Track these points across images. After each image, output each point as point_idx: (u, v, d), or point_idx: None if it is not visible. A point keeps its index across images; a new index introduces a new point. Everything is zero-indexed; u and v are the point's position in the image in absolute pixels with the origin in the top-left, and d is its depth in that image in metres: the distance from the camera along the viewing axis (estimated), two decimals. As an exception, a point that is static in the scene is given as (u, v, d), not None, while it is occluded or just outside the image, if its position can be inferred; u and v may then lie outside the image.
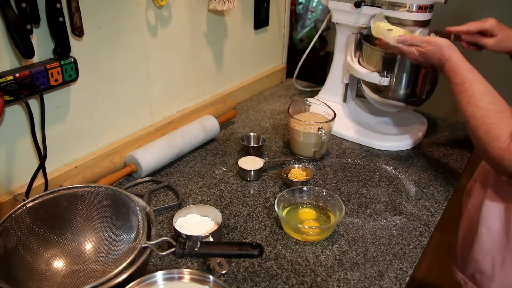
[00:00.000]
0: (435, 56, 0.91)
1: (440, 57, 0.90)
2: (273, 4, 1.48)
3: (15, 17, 0.78)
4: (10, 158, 0.90)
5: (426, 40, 0.94)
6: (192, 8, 1.18)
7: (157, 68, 1.14)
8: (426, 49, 0.93)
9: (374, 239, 0.88)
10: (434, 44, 0.92)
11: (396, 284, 0.78)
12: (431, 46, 0.92)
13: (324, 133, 1.07)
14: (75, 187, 0.80)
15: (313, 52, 1.44)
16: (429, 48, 0.93)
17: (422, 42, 0.94)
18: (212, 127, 1.19)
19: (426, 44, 0.93)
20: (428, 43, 0.93)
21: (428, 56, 0.93)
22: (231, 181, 1.06)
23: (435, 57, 0.92)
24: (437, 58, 0.91)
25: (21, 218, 0.74)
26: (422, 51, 0.94)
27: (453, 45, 0.91)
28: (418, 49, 0.96)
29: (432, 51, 0.92)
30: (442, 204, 0.99)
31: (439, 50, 0.91)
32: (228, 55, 1.37)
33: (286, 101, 1.50)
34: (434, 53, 0.92)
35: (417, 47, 0.95)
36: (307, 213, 0.93)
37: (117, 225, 0.79)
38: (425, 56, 0.94)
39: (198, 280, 0.66)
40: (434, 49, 0.92)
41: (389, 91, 1.15)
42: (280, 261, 0.82)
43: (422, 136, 1.26)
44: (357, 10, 1.16)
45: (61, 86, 0.92)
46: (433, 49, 0.92)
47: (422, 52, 0.94)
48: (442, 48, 0.90)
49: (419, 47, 0.95)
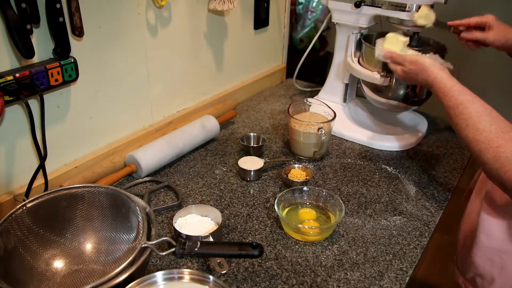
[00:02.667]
0: (419, 76, 0.89)
1: (424, 77, 0.87)
2: (273, 4, 1.48)
3: (15, 17, 0.78)
4: (10, 158, 0.90)
5: (409, 59, 0.92)
6: (192, 8, 1.18)
7: (157, 68, 1.14)
8: (408, 68, 0.91)
9: (374, 239, 0.88)
10: (416, 63, 0.89)
11: (396, 284, 0.78)
12: (414, 66, 0.90)
13: (324, 133, 1.07)
14: (75, 187, 0.80)
15: (313, 52, 1.44)
16: (411, 68, 0.90)
17: (405, 61, 0.92)
18: (212, 127, 1.19)
19: (409, 63, 0.91)
20: (411, 63, 0.91)
21: (411, 76, 0.91)
22: (231, 181, 1.06)
23: (418, 78, 0.89)
24: (421, 78, 0.88)
25: (21, 218, 0.74)
26: (406, 71, 0.92)
27: (439, 64, 0.88)
28: (402, 68, 0.93)
29: (414, 71, 0.90)
30: (442, 204, 0.99)
31: (422, 70, 0.88)
32: (228, 55, 1.37)
33: (286, 101, 1.50)
34: (416, 73, 0.89)
35: (401, 66, 0.94)
36: (307, 213, 0.94)
37: (117, 225, 0.79)
38: (408, 76, 0.92)
39: (198, 280, 0.66)
40: (416, 69, 0.89)
41: (389, 91, 1.15)
42: (280, 261, 0.82)
43: (422, 136, 1.26)
44: (357, 10, 1.16)
45: (61, 86, 0.92)
46: (415, 69, 0.89)
47: (405, 72, 0.92)
48: (425, 69, 0.87)
49: (402, 66, 0.93)
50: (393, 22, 1.14)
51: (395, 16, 1.10)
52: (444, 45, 1.16)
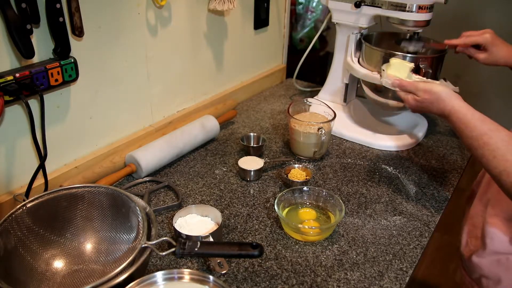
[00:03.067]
0: (434, 106, 0.85)
1: (441, 108, 0.83)
2: (273, 4, 1.48)
3: (15, 17, 0.78)
4: (10, 158, 0.90)
5: (422, 88, 0.87)
6: (192, 8, 1.18)
7: (157, 68, 1.14)
8: (422, 98, 0.86)
9: (374, 239, 0.88)
10: (430, 92, 0.85)
11: (396, 284, 0.78)
12: (428, 95, 0.85)
13: (324, 133, 1.07)
14: (75, 187, 0.80)
15: (313, 52, 1.44)
16: (426, 98, 0.85)
17: (418, 90, 0.87)
18: (212, 127, 1.19)
19: (423, 92, 0.86)
20: (425, 92, 0.86)
21: (425, 105, 0.87)
22: (231, 181, 1.06)
23: (433, 107, 0.85)
24: (437, 108, 0.84)
25: (21, 218, 0.74)
26: (419, 100, 0.87)
27: (453, 92, 0.84)
28: (414, 98, 0.88)
29: (429, 101, 0.85)
30: (442, 204, 0.99)
31: (437, 99, 0.83)
32: (228, 55, 1.37)
33: (286, 101, 1.50)
34: (431, 102, 0.85)
35: (413, 95, 0.89)
36: (307, 213, 0.94)
37: (117, 225, 0.79)
38: (422, 105, 0.87)
39: (198, 280, 0.66)
40: (431, 99, 0.85)
41: (389, 91, 1.14)
42: (280, 261, 0.82)
43: (422, 136, 1.26)
44: (357, 10, 1.16)
45: (61, 86, 0.92)
46: (429, 98, 0.85)
47: (418, 101, 0.87)
48: (441, 98, 0.83)
49: (415, 95, 0.88)
50: (393, 22, 1.14)
51: (395, 16, 1.10)
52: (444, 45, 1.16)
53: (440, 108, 0.83)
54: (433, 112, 0.86)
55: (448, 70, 1.11)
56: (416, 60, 1.08)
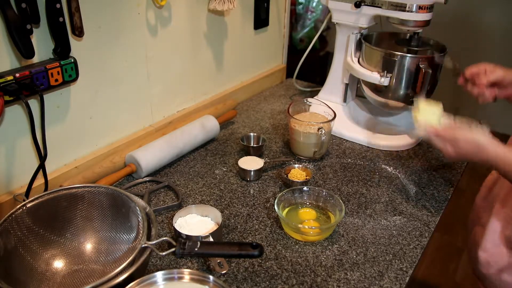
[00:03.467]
0: (477, 156, 0.81)
1: (484, 157, 0.80)
2: (273, 4, 1.48)
3: (15, 17, 0.78)
4: (10, 158, 0.90)
5: (463, 139, 0.81)
6: (192, 8, 1.18)
7: (157, 68, 1.14)
8: (465, 150, 0.81)
9: (374, 239, 0.88)
10: (472, 143, 0.80)
11: (396, 284, 0.78)
12: (469, 145, 0.81)
13: (324, 133, 1.07)
14: (75, 187, 0.80)
15: (313, 52, 1.44)
16: (468, 149, 0.81)
17: (458, 141, 0.82)
18: (212, 127, 1.19)
19: (464, 143, 0.81)
20: (466, 142, 0.81)
21: (468, 156, 0.82)
22: (231, 181, 1.06)
23: (476, 157, 0.81)
24: (480, 158, 0.81)
25: (21, 218, 0.74)
26: (461, 153, 0.83)
27: (492, 139, 0.80)
28: (454, 149, 0.83)
29: (471, 152, 0.81)
30: (442, 204, 0.99)
31: (480, 150, 0.80)
32: (228, 55, 1.37)
33: (286, 101, 1.50)
34: (474, 153, 0.80)
35: (452, 145, 0.83)
36: (307, 213, 0.93)
37: (117, 225, 0.79)
38: (462, 156, 0.83)
39: (198, 280, 0.66)
40: (473, 149, 0.80)
41: (389, 91, 1.15)
42: (280, 261, 0.82)
43: (422, 136, 1.25)
44: (357, 10, 1.16)
45: (61, 86, 0.92)
46: (472, 149, 0.81)
47: (459, 154, 0.83)
48: (483, 147, 0.79)
49: (455, 146, 0.83)
50: (393, 22, 1.14)
51: (395, 16, 1.10)
52: (444, 45, 1.16)
53: (483, 158, 0.80)
54: (474, 161, 0.83)
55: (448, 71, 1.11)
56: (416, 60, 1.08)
